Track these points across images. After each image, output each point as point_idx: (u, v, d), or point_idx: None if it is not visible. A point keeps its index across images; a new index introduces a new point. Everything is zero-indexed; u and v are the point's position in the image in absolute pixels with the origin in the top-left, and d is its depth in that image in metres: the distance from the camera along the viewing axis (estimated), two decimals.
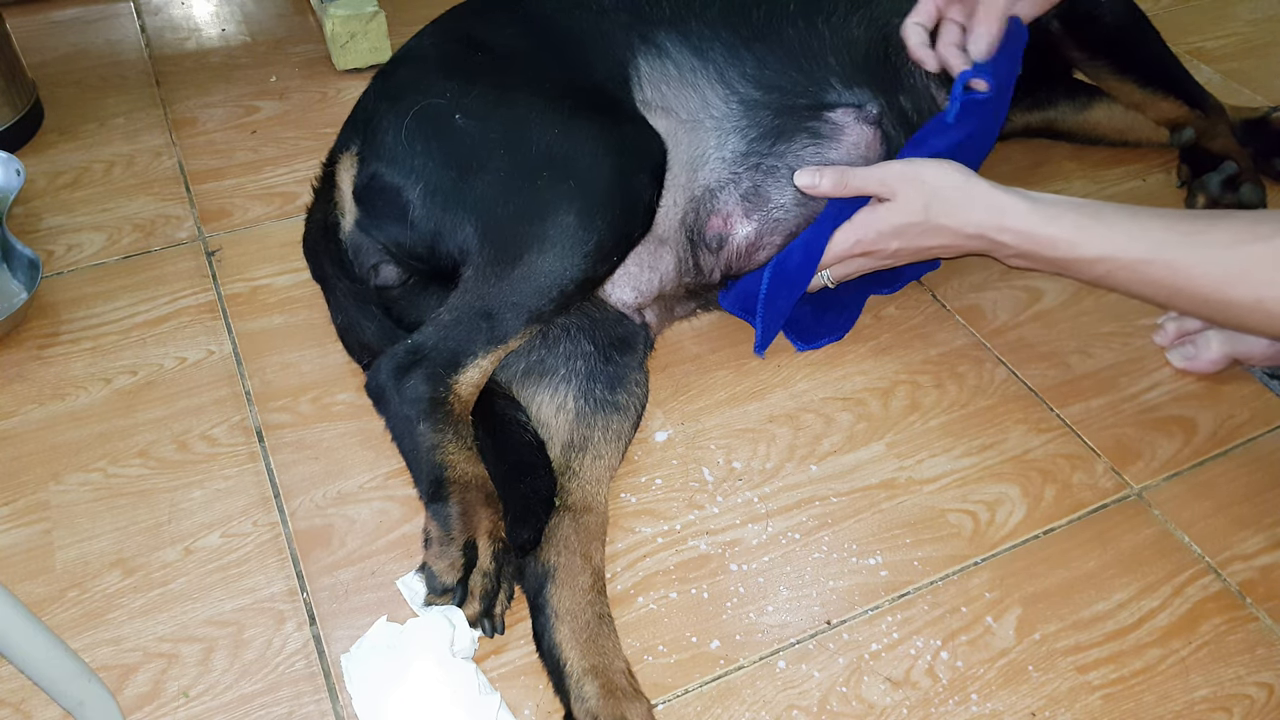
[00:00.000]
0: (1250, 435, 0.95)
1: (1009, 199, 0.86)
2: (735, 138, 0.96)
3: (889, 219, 0.91)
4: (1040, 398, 0.99)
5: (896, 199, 0.91)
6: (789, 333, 1.04)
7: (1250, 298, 0.76)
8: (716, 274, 0.99)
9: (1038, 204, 0.86)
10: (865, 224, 0.93)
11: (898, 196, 0.90)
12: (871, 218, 0.92)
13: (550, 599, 0.78)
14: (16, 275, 1.08)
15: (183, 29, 1.57)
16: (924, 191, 0.89)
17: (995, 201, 0.87)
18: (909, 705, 0.75)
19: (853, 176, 0.92)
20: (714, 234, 0.96)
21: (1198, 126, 1.21)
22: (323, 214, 0.97)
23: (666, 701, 0.76)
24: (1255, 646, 0.79)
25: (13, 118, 1.28)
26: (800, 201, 0.96)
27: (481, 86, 0.90)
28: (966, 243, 0.90)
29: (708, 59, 0.97)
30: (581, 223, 0.84)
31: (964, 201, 0.88)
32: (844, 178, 0.92)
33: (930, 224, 0.90)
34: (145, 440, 0.94)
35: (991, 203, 0.87)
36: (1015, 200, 0.86)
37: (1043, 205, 0.86)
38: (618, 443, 0.90)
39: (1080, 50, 1.21)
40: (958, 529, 0.87)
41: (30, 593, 0.82)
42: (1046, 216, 0.85)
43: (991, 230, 0.87)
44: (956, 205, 0.88)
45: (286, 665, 0.78)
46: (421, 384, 0.82)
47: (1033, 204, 0.86)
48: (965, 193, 0.88)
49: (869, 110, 0.95)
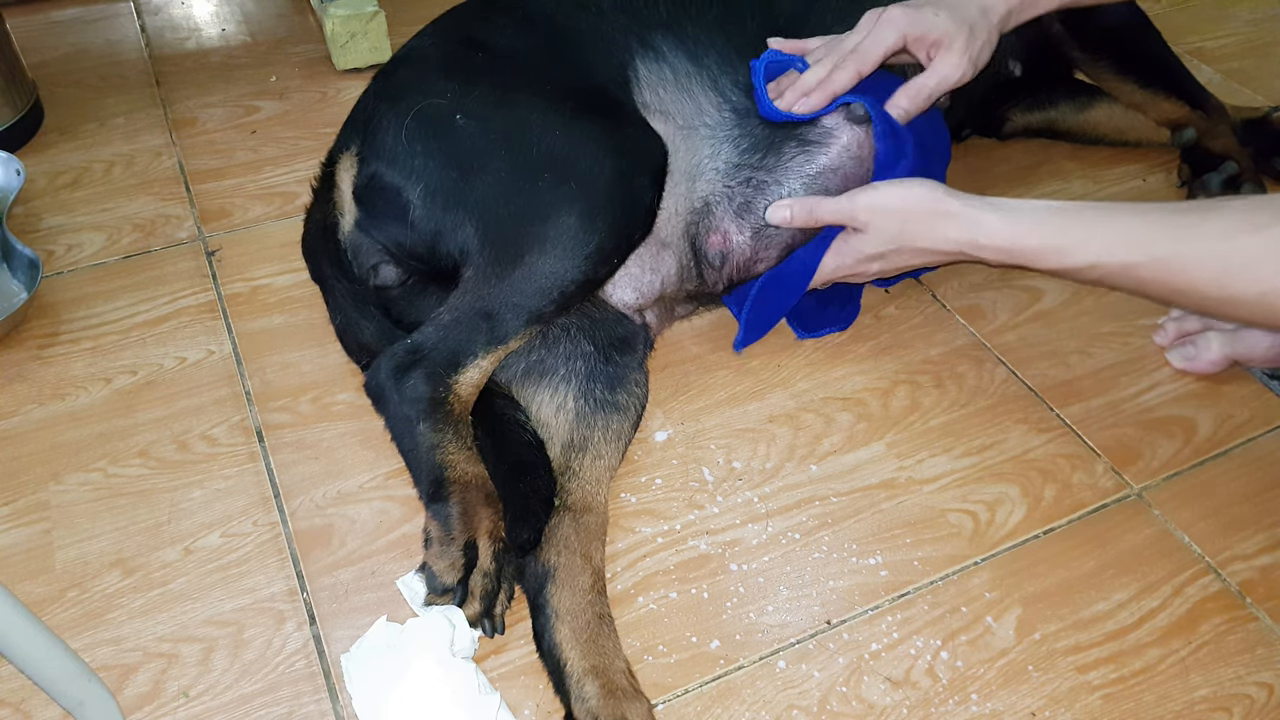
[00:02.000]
0: (1250, 435, 0.95)
1: (983, 214, 0.85)
2: (728, 147, 0.96)
3: (863, 248, 0.92)
4: (1040, 398, 0.99)
5: (868, 230, 0.90)
6: (791, 321, 1.04)
7: (1254, 292, 0.73)
8: (720, 286, 0.99)
9: (1014, 215, 0.84)
10: (843, 252, 0.93)
11: (869, 228, 0.90)
12: (847, 247, 0.93)
13: (550, 599, 0.78)
14: (16, 275, 1.08)
15: (183, 29, 1.57)
16: (894, 219, 0.89)
17: (969, 217, 0.85)
18: (909, 705, 0.75)
19: (821, 209, 0.92)
20: (715, 251, 0.96)
21: (1198, 126, 1.21)
22: (322, 214, 0.97)
23: (666, 701, 0.76)
24: (1255, 646, 0.79)
25: (13, 118, 1.28)
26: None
27: (482, 87, 0.89)
28: (948, 257, 0.90)
29: (702, 65, 0.97)
30: (583, 224, 0.84)
31: (937, 221, 0.87)
32: (813, 211, 0.92)
33: (905, 248, 0.90)
34: (145, 440, 0.94)
35: (966, 218, 0.85)
36: (989, 214, 0.84)
37: (1020, 215, 0.84)
38: (618, 442, 0.90)
39: (1081, 50, 1.21)
40: (958, 529, 0.87)
41: (30, 593, 0.82)
42: (1026, 227, 0.83)
43: (969, 247, 0.86)
44: (929, 226, 0.87)
45: (286, 665, 0.78)
46: (421, 384, 0.82)
47: (1009, 216, 0.84)
48: (937, 212, 0.87)
49: (855, 110, 0.95)
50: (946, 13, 0.92)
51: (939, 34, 0.91)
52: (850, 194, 0.91)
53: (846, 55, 0.93)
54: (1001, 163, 1.25)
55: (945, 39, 0.92)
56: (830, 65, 0.94)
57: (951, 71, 0.92)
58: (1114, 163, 1.28)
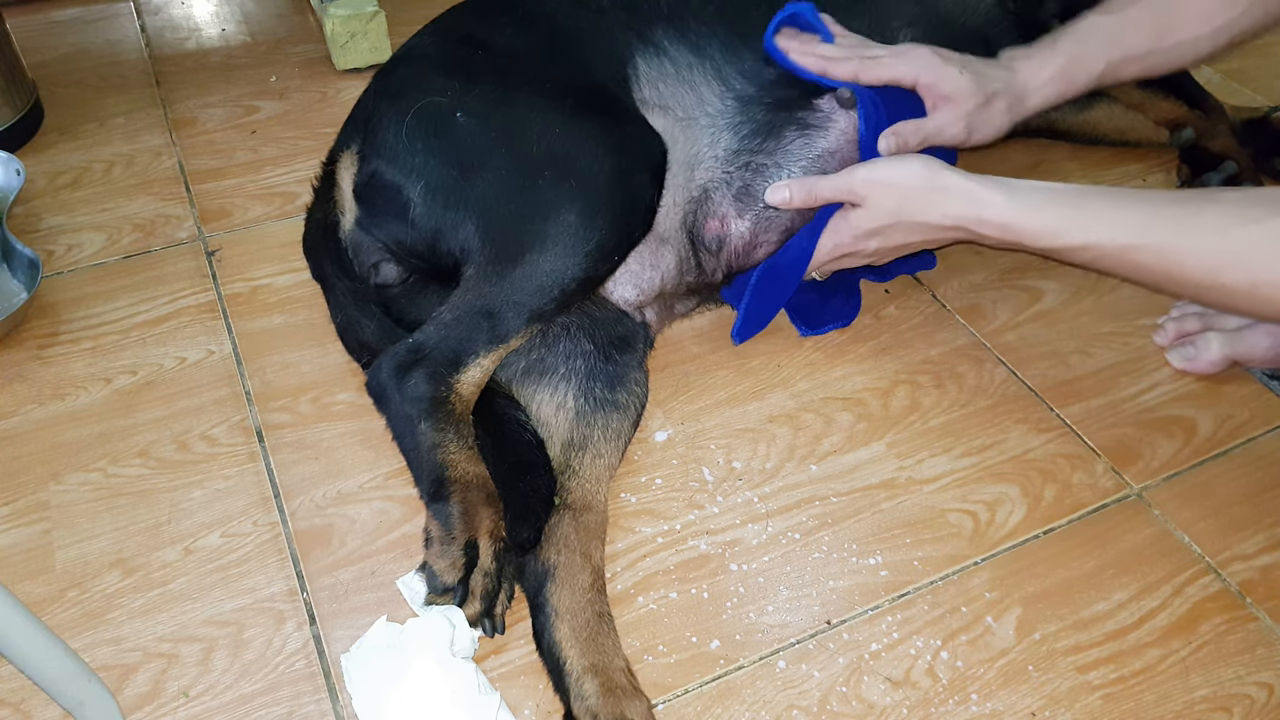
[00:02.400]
0: (1250, 435, 0.96)
1: (985, 190, 0.85)
2: (728, 135, 0.96)
3: (862, 224, 0.92)
4: (1040, 398, 0.99)
5: (866, 204, 0.90)
6: (794, 318, 1.04)
7: (1245, 283, 0.75)
8: (719, 274, 0.99)
9: (1016, 193, 0.85)
10: (841, 230, 0.93)
11: (867, 202, 0.90)
12: (845, 224, 0.93)
13: (550, 598, 0.78)
14: (16, 275, 1.08)
15: (183, 29, 1.57)
16: (893, 194, 0.89)
17: (971, 193, 0.86)
18: (909, 705, 0.75)
19: (820, 187, 0.92)
20: (712, 236, 0.96)
21: (1198, 126, 1.21)
22: (322, 213, 0.97)
23: (666, 701, 0.76)
24: (1255, 646, 0.79)
25: (13, 118, 1.28)
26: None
27: (483, 85, 0.90)
28: (946, 234, 0.90)
29: (705, 55, 0.98)
30: (583, 222, 0.84)
31: (936, 197, 0.87)
32: (812, 190, 0.92)
33: (905, 223, 0.90)
34: (145, 440, 0.94)
35: (967, 195, 0.86)
36: (992, 192, 0.85)
37: (1022, 194, 0.85)
38: (618, 441, 0.90)
39: None
40: (958, 529, 0.87)
41: (30, 593, 0.82)
42: (1027, 206, 0.84)
43: (970, 222, 0.86)
44: (928, 202, 0.88)
45: (286, 665, 0.78)
46: (423, 383, 0.82)
47: (1011, 194, 0.85)
48: (935, 187, 0.87)
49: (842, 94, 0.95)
50: (972, 75, 0.93)
51: (950, 90, 0.93)
52: (849, 169, 0.91)
53: (860, 58, 0.94)
54: (1001, 162, 1.25)
55: (955, 96, 0.93)
56: (842, 54, 0.95)
57: (945, 127, 0.94)
58: (1114, 163, 1.28)
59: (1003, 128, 0.96)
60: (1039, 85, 0.96)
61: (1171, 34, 0.96)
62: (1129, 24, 0.96)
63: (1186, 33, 0.95)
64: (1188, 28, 0.95)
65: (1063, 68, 0.96)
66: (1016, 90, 0.95)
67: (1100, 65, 0.96)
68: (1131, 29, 0.96)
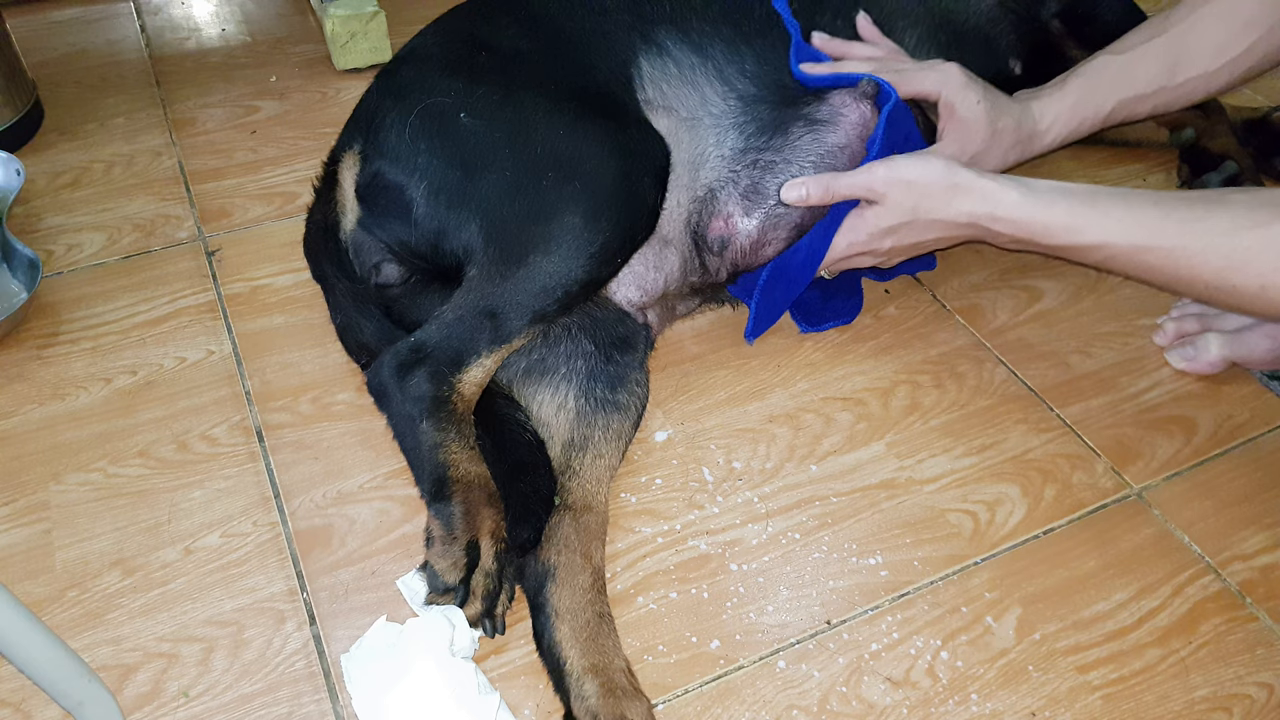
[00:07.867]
0: (1250, 435, 0.96)
1: (1000, 188, 0.86)
2: (734, 134, 0.96)
3: (879, 222, 0.92)
4: (1040, 398, 0.99)
5: (884, 202, 0.91)
6: (795, 315, 1.04)
7: (1255, 285, 0.76)
8: (723, 273, 0.99)
9: (1031, 191, 0.86)
10: (857, 228, 0.93)
11: (885, 200, 0.91)
12: (861, 222, 0.93)
13: (550, 598, 0.78)
14: (16, 275, 1.08)
15: (183, 29, 1.57)
16: (911, 192, 0.89)
17: (986, 191, 0.86)
18: (909, 705, 0.75)
19: (838, 184, 0.92)
20: (716, 236, 0.96)
21: (1198, 126, 1.21)
22: (323, 213, 0.97)
23: (666, 701, 0.76)
24: (1255, 646, 0.79)
25: (13, 118, 1.28)
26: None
27: (486, 86, 0.90)
28: (960, 232, 0.91)
29: (708, 56, 0.98)
30: (587, 224, 0.84)
31: (953, 194, 0.88)
32: (830, 187, 0.92)
33: (921, 221, 0.90)
34: (145, 440, 0.93)
35: (982, 192, 0.87)
36: (1007, 189, 0.86)
37: (1036, 193, 0.85)
38: (618, 442, 0.90)
39: (1080, 49, 1.21)
40: (958, 529, 0.87)
41: (30, 593, 0.81)
42: (1041, 204, 0.85)
43: (985, 219, 0.87)
44: (946, 200, 0.88)
45: (286, 665, 0.78)
46: (425, 382, 0.82)
47: (1026, 191, 0.86)
48: (952, 185, 0.88)
49: (864, 86, 0.95)
50: (989, 106, 0.94)
51: (963, 115, 0.94)
52: (867, 166, 0.91)
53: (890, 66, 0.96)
54: None
55: (964, 122, 0.94)
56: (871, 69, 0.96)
57: (944, 147, 0.95)
58: (1114, 163, 1.28)
59: (1007, 165, 0.98)
60: (1047, 127, 0.98)
61: (1182, 71, 0.97)
62: (1138, 62, 0.97)
63: (1197, 69, 0.97)
64: (1198, 64, 0.96)
65: (1072, 108, 0.97)
66: (1027, 129, 0.97)
67: (1110, 105, 0.98)
68: (1141, 67, 0.97)
